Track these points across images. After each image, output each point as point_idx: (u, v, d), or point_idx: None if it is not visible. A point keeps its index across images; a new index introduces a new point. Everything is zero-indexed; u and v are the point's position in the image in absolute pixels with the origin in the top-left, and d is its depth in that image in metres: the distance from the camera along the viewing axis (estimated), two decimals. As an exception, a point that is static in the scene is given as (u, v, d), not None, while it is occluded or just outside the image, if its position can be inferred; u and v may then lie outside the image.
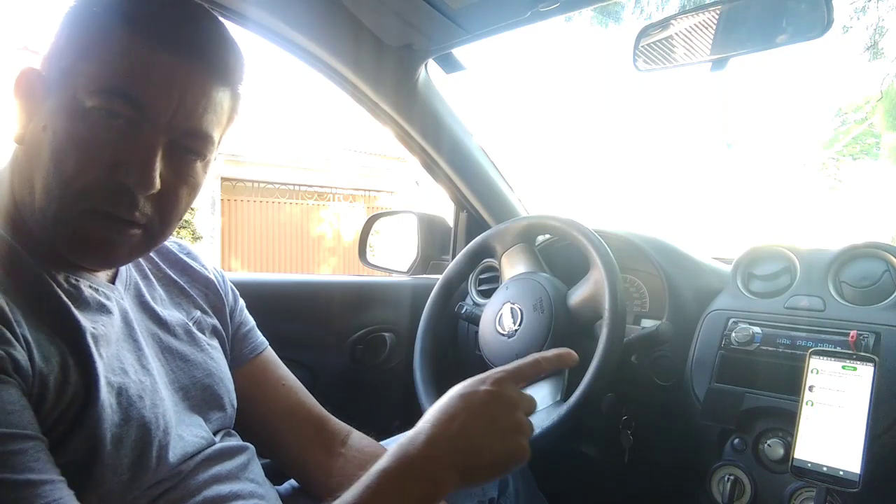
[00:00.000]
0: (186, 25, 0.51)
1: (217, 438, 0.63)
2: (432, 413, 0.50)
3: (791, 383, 0.78)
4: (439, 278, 1.06)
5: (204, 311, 0.69)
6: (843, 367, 0.57)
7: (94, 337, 0.51)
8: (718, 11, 0.83)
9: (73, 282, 0.53)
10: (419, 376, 0.97)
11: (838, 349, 0.58)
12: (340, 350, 1.20)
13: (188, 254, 0.73)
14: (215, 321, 0.70)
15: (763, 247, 0.94)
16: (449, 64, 1.08)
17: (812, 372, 0.58)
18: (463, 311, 1.06)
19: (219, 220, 6.79)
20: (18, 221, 0.51)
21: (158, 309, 0.63)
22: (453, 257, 1.18)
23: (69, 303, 0.50)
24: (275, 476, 0.73)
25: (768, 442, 0.78)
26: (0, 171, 0.54)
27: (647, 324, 1.05)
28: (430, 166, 1.25)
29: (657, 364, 0.94)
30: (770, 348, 0.81)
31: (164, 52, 0.48)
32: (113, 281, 0.59)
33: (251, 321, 0.76)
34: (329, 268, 7.64)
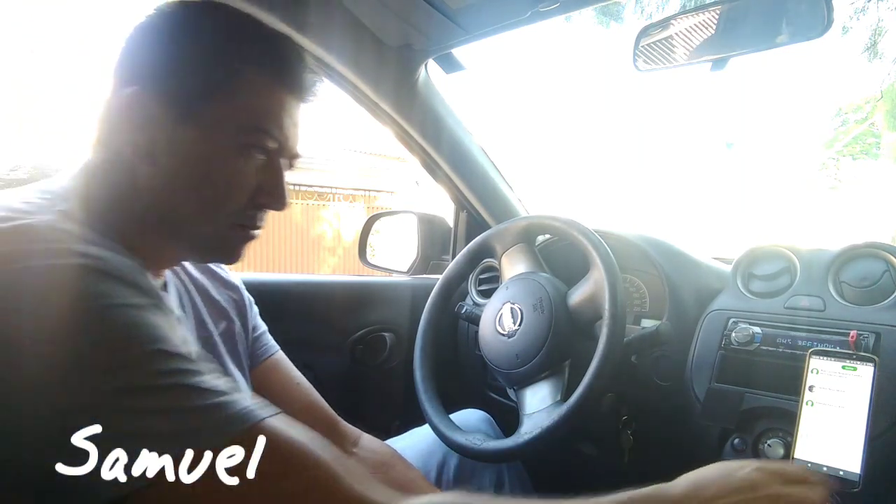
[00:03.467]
0: (305, 72, 0.59)
1: None
2: (689, 475, 0.52)
3: (791, 383, 0.78)
4: (439, 278, 1.06)
5: (230, 320, 0.71)
6: (844, 367, 0.57)
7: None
8: (718, 11, 0.83)
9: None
10: (419, 376, 0.97)
11: (838, 349, 0.58)
12: (340, 350, 1.20)
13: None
14: (239, 327, 0.72)
15: (763, 247, 0.94)
16: (449, 64, 1.08)
17: (812, 372, 0.57)
18: (463, 311, 1.06)
19: (219, 220, 6.77)
20: (117, 228, 0.52)
21: (195, 321, 0.65)
22: (453, 257, 1.18)
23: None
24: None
25: (768, 442, 0.78)
26: (77, 176, 0.54)
27: (647, 324, 1.05)
28: (430, 166, 1.25)
29: (657, 364, 0.94)
30: (770, 348, 0.81)
31: (292, 96, 0.57)
32: (165, 288, 0.62)
33: (263, 324, 0.79)
34: (329, 268, 7.64)
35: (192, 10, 0.56)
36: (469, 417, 1.01)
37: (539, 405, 0.84)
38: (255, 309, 0.78)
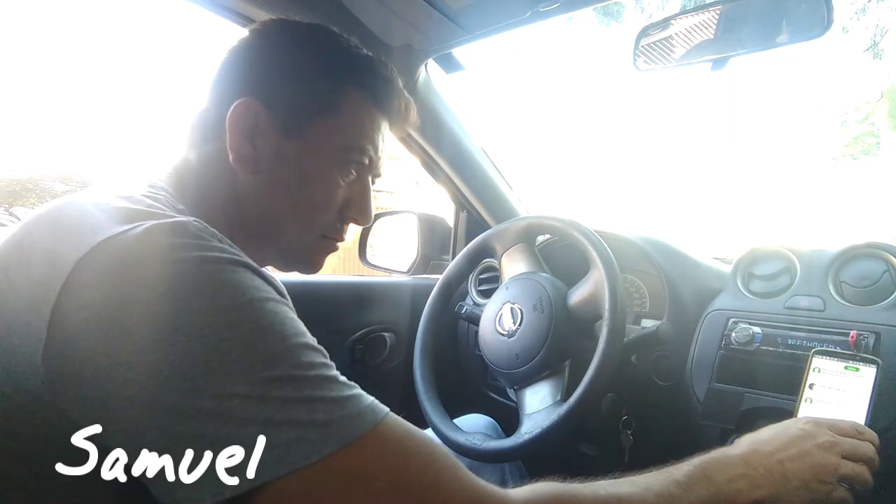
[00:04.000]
0: (401, 98, 0.63)
1: None
2: (746, 437, 0.57)
3: (791, 383, 0.78)
4: (439, 278, 1.06)
5: None
6: (846, 368, 0.57)
7: None
8: (718, 11, 0.83)
9: None
10: (419, 376, 0.97)
11: (840, 350, 0.58)
12: (340, 350, 1.20)
13: None
14: None
15: (763, 247, 0.94)
16: (449, 64, 1.08)
17: (814, 370, 0.58)
18: (463, 311, 1.06)
19: (219, 219, 6.77)
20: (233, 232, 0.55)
21: None
22: (453, 257, 1.18)
23: None
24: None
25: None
26: (171, 180, 0.55)
27: (647, 324, 1.05)
28: (430, 166, 1.25)
29: (657, 364, 0.94)
30: (770, 348, 0.81)
31: (387, 118, 0.62)
32: None
33: None
34: (329, 268, 7.62)
35: (304, 28, 0.61)
36: (476, 422, 1.00)
37: (539, 405, 0.84)
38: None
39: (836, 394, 0.56)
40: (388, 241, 1.48)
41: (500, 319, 0.92)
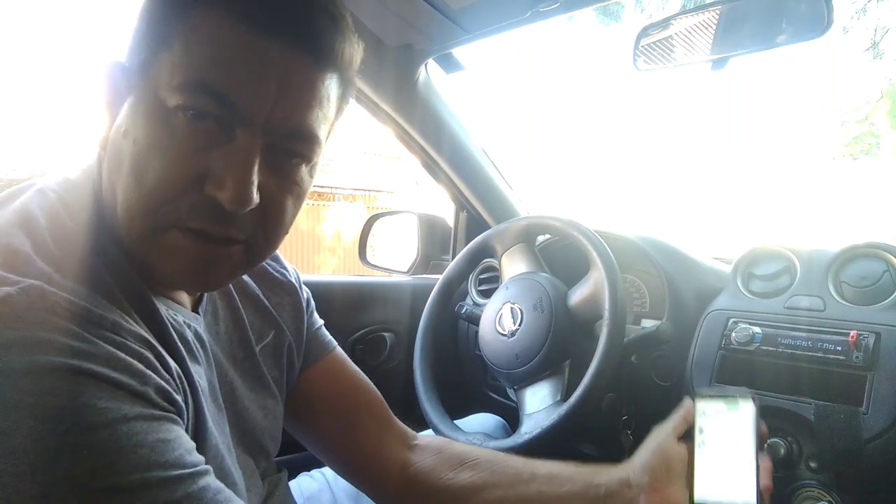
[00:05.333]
0: (294, 4, 0.42)
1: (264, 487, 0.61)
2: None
3: (791, 383, 0.78)
4: (439, 278, 1.06)
5: (280, 328, 0.62)
6: (728, 406, 0.59)
7: (202, 392, 0.46)
8: (718, 11, 0.83)
9: (174, 317, 0.47)
10: (419, 376, 0.97)
11: (720, 391, 0.60)
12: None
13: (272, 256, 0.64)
14: (291, 332, 0.64)
15: (763, 247, 0.94)
16: (449, 64, 1.08)
17: (700, 414, 0.60)
18: (463, 311, 1.06)
19: (219, 220, 6.78)
20: (118, 240, 0.43)
21: (232, 339, 0.57)
22: (453, 257, 1.18)
23: (182, 348, 0.45)
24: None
25: (768, 442, 0.78)
26: (84, 178, 0.46)
27: (647, 324, 1.05)
28: (430, 166, 1.24)
29: (657, 364, 0.94)
30: (770, 348, 0.81)
31: (257, 34, 0.40)
32: (196, 308, 0.52)
33: (319, 320, 0.71)
34: (329, 268, 7.64)
35: None
36: (486, 421, 1.00)
37: (539, 405, 0.84)
38: (312, 306, 0.70)
39: (724, 433, 0.58)
40: (388, 241, 1.48)
41: (500, 319, 0.92)
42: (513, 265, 0.98)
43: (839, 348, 0.76)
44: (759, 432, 0.56)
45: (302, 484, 0.79)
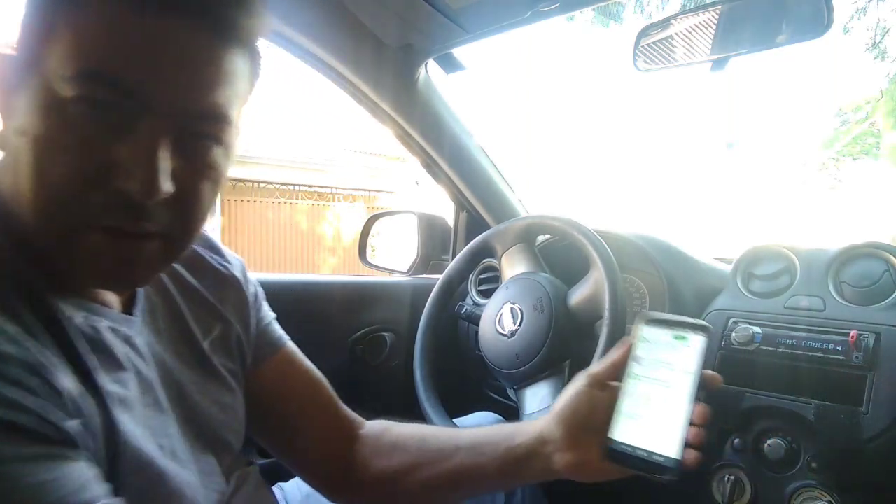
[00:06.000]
0: None
1: (230, 484, 0.58)
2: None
3: (791, 383, 0.78)
4: (439, 278, 1.06)
5: (226, 322, 0.60)
6: (675, 337, 0.50)
7: (121, 403, 0.42)
8: (718, 11, 0.83)
9: (92, 323, 0.44)
10: (419, 376, 0.97)
11: (680, 317, 0.51)
12: (340, 350, 1.20)
13: (211, 247, 0.62)
14: (238, 329, 0.61)
15: (763, 247, 0.94)
16: (449, 64, 1.08)
17: (642, 341, 0.51)
18: (463, 311, 1.06)
19: (219, 220, 6.79)
20: (22, 241, 0.41)
21: (175, 337, 0.54)
22: (453, 257, 1.18)
23: (94, 357, 0.42)
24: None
25: (768, 442, 0.78)
26: None
27: (647, 324, 1.04)
28: (430, 166, 1.25)
29: (657, 364, 0.94)
30: (770, 348, 0.81)
31: (149, 14, 0.37)
32: (130, 310, 0.49)
33: (270, 314, 0.69)
34: (329, 268, 7.64)
35: None
36: (485, 420, 1.00)
37: (539, 405, 0.84)
38: (261, 300, 0.67)
39: (664, 369, 0.50)
40: (388, 241, 1.48)
41: (500, 319, 0.92)
42: (513, 265, 0.98)
43: (839, 348, 0.76)
44: (702, 375, 0.49)
45: (300, 483, 0.79)
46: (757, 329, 0.83)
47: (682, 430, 0.47)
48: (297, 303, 1.18)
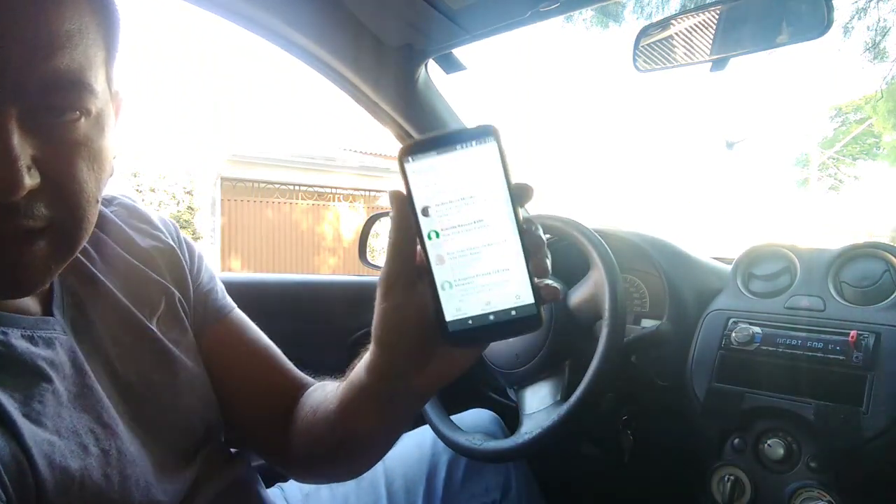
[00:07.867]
0: None
1: (202, 470, 0.54)
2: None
3: (791, 383, 0.78)
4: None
5: (167, 291, 0.56)
6: (455, 159, 0.37)
7: (31, 417, 0.39)
8: (718, 11, 0.83)
9: (3, 338, 0.40)
10: (419, 376, 0.97)
11: (447, 132, 0.37)
12: (340, 350, 1.20)
13: (139, 216, 0.57)
14: (180, 296, 0.57)
15: (763, 247, 0.94)
16: (449, 64, 1.08)
17: (418, 189, 0.37)
18: (463, 311, 1.06)
19: (219, 220, 6.79)
20: None
21: (112, 327, 0.50)
22: (453, 257, 1.17)
23: None
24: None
25: (768, 442, 0.78)
26: None
27: (647, 324, 1.05)
28: (431, 166, 1.24)
29: (657, 364, 0.94)
30: (770, 348, 0.81)
31: None
32: (49, 310, 0.46)
33: (214, 280, 0.64)
34: (329, 268, 7.64)
35: None
36: (480, 416, 1.00)
37: (539, 405, 0.84)
38: (200, 264, 0.62)
39: (460, 204, 0.37)
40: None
41: (500, 319, 0.91)
42: (513, 265, 0.98)
43: (839, 348, 0.76)
44: (513, 189, 0.37)
45: (301, 483, 0.79)
46: (757, 329, 0.83)
47: (522, 267, 0.37)
48: (297, 303, 1.18)
